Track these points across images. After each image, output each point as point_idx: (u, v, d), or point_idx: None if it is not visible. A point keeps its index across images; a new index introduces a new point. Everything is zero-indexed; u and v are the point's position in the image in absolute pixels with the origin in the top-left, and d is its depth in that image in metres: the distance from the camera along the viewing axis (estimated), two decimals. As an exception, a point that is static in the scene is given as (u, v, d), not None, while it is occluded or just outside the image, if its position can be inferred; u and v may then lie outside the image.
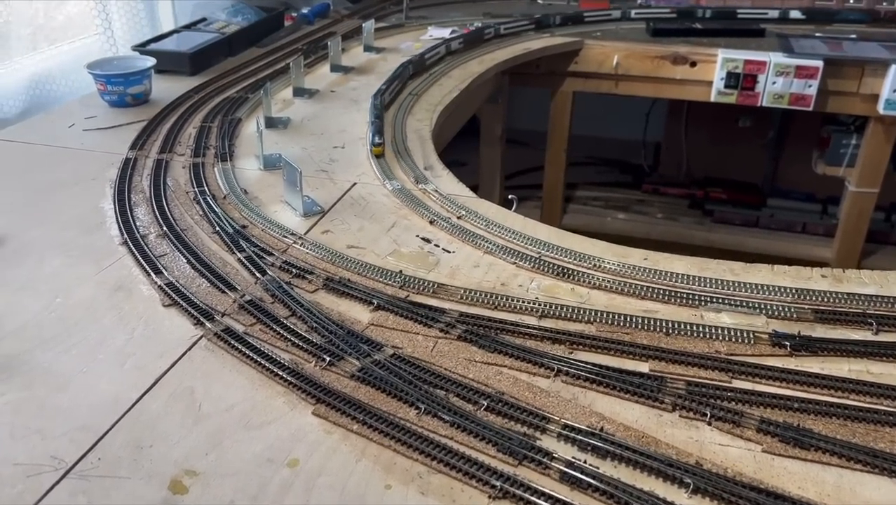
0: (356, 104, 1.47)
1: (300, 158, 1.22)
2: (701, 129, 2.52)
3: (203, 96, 1.51)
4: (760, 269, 0.92)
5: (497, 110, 2.05)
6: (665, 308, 0.84)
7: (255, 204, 1.07)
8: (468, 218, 1.03)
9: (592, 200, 2.41)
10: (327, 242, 0.96)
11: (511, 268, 0.93)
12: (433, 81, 1.59)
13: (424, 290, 0.87)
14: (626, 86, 2.01)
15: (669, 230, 2.25)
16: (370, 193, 1.11)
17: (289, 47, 1.86)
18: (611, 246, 0.98)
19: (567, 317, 0.82)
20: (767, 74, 1.83)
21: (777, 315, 0.82)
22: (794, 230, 2.19)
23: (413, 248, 0.97)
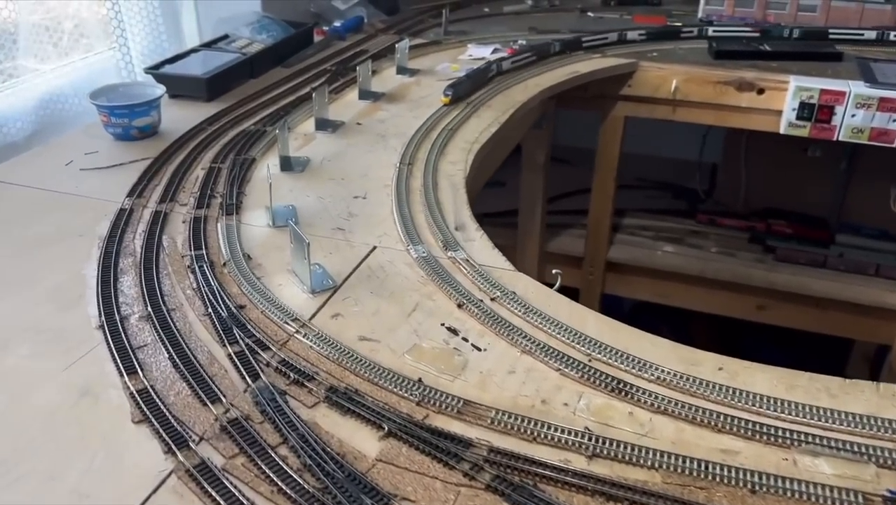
0: (383, 140, 1.32)
1: (315, 212, 1.08)
2: (763, 154, 2.31)
3: (217, 129, 1.37)
4: (863, 388, 0.75)
5: (541, 136, 1.88)
6: (748, 447, 0.68)
7: (259, 274, 0.93)
8: (503, 300, 0.88)
9: (641, 230, 2.23)
10: (336, 332, 0.81)
11: (554, 376, 0.77)
12: (471, 112, 1.43)
13: (447, 408, 0.71)
14: (685, 112, 1.82)
15: (726, 267, 2.06)
16: (391, 262, 0.96)
17: (317, 67, 1.72)
18: (676, 347, 0.81)
19: (625, 458, 0.66)
20: (846, 106, 1.63)
21: (890, 463, 0.65)
22: (867, 272, 1.98)
23: (437, 341, 0.81)
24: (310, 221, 1.05)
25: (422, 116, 1.40)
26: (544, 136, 1.88)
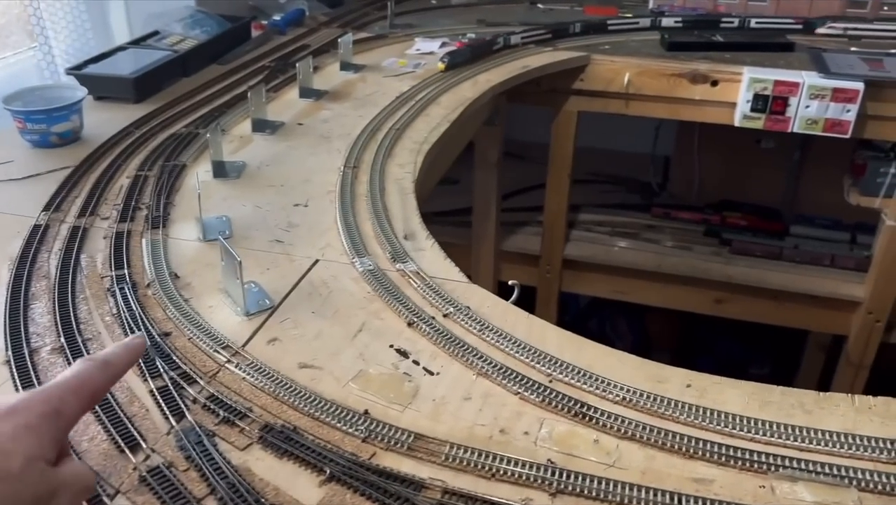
0: (326, 142, 1.24)
1: (252, 223, 0.99)
2: (716, 146, 2.29)
3: (145, 132, 1.27)
4: (838, 401, 0.70)
5: (493, 133, 1.82)
6: (722, 475, 0.62)
7: (187, 295, 0.84)
8: (457, 316, 0.81)
9: (597, 226, 2.19)
10: (272, 360, 0.74)
11: (513, 401, 0.70)
12: (420, 111, 1.36)
13: (397, 444, 0.64)
14: (638, 106, 1.78)
15: (683, 262, 2.03)
16: (335, 277, 0.88)
17: (255, 64, 1.63)
18: (643, 364, 0.75)
19: (591, 494, 0.60)
20: (800, 97, 1.61)
21: (871, 487, 0.61)
22: (822, 263, 1.97)
23: (385, 366, 0.74)
24: (245, 233, 0.97)
25: (368, 116, 1.33)
26: (496, 133, 1.82)
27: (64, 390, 0.49)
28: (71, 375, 0.51)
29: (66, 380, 0.50)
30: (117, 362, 0.54)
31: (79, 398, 0.50)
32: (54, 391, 0.49)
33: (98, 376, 0.52)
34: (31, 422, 0.46)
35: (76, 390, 0.50)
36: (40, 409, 0.47)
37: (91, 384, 0.51)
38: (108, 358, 0.53)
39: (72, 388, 0.50)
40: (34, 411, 0.47)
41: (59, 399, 0.48)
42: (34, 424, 0.46)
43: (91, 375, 0.51)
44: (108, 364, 0.53)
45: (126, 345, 0.55)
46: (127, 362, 0.55)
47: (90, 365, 0.52)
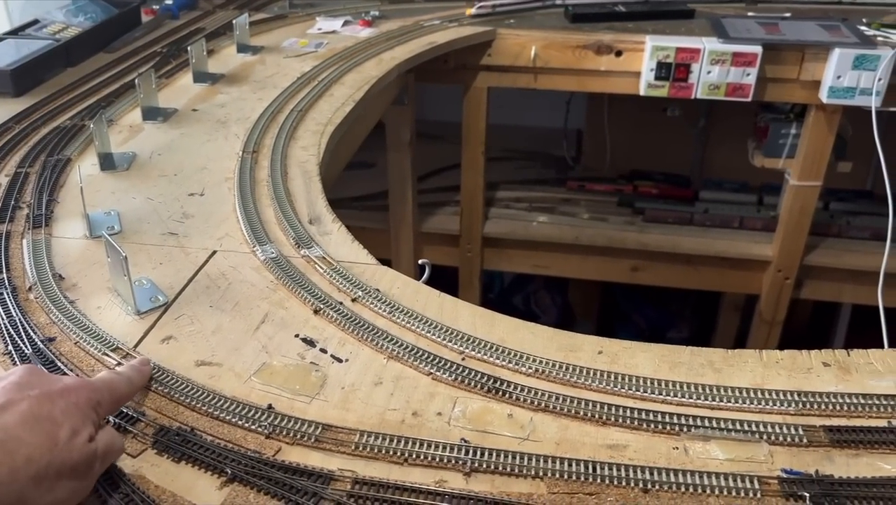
0: (223, 127, 1.18)
1: (143, 216, 0.94)
2: (625, 117, 2.32)
3: (26, 127, 1.18)
4: (746, 358, 0.71)
5: (404, 112, 1.79)
6: (636, 439, 0.62)
7: (73, 297, 0.78)
8: (366, 300, 0.78)
9: (515, 202, 2.18)
10: (167, 359, 0.69)
11: (426, 382, 0.68)
12: (322, 91, 1.31)
13: (304, 437, 0.61)
14: (546, 79, 1.78)
15: (599, 233, 2.05)
16: (234, 268, 0.84)
17: (146, 50, 1.54)
18: (556, 334, 0.74)
19: (506, 469, 0.58)
20: (702, 63, 1.64)
21: (781, 439, 0.61)
22: (731, 226, 2.02)
23: (290, 357, 0.71)
24: (136, 228, 0.91)
25: (267, 98, 1.27)
26: (407, 113, 1.79)
27: (105, 388, 0.57)
28: (107, 380, 0.59)
29: (104, 382, 0.59)
30: (136, 382, 0.63)
31: (111, 400, 0.58)
32: (99, 385, 0.57)
33: (124, 388, 0.61)
34: (80, 402, 0.53)
35: (111, 393, 0.58)
36: (87, 394, 0.55)
37: (119, 392, 0.60)
38: (130, 375, 0.63)
39: (108, 389, 0.58)
40: (83, 395, 0.54)
41: (99, 392, 0.56)
42: (82, 404, 0.53)
43: (120, 385, 0.60)
44: (130, 380, 0.62)
45: (139, 369, 0.65)
46: (140, 384, 0.64)
47: (119, 377, 0.61)
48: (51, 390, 0.52)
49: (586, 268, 2.10)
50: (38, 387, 0.52)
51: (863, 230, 1.99)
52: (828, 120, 1.71)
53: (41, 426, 0.49)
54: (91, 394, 0.55)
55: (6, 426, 0.48)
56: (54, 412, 0.51)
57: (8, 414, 0.49)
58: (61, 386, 0.53)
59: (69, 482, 0.50)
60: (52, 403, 0.51)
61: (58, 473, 0.49)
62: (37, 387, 0.52)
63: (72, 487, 0.51)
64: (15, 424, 0.49)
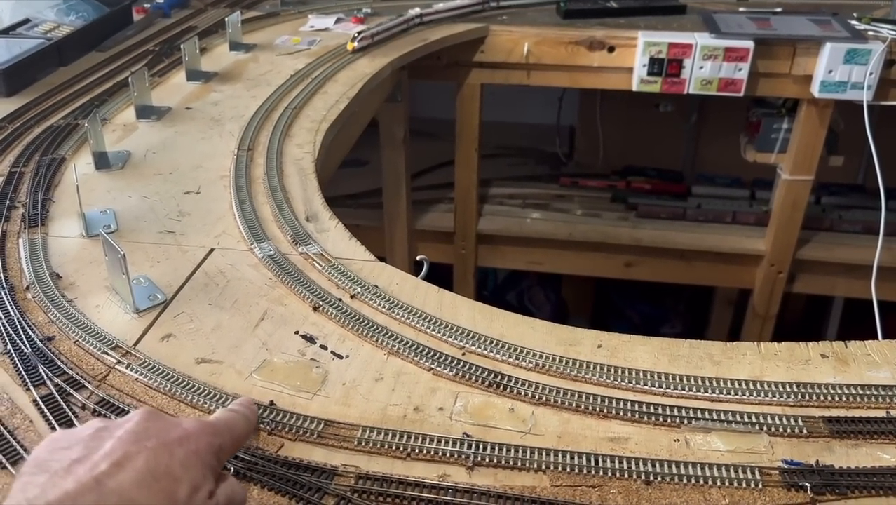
0: (218, 125, 1.18)
1: (139, 214, 0.93)
2: (617, 113, 2.33)
3: (19, 126, 1.17)
4: (745, 351, 0.71)
5: (398, 110, 1.79)
6: (637, 432, 0.62)
7: (71, 295, 0.78)
8: (365, 297, 0.78)
9: (508, 199, 2.19)
10: (167, 357, 0.69)
11: (426, 377, 0.68)
12: (316, 89, 1.31)
13: (306, 433, 0.61)
14: (539, 76, 1.78)
15: (593, 229, 2.05)
16: (232, 265, 0.84)
17: (138, 49, 1.53)
18: (555, 329, 0.75)
19: (509, 463, 0.59)
20: (694, 59, 1.64)
21: (781, 431, 0.62)
22: (724, 221, 2.03)
23: (291, 354, 0.71)
24: (132, 226, 0.91)
25: (261, 96, 1.27)
26: (401, 110, 1.79)
27: (224, 430, 0.52)
28: (227, 420, 0.54)
29: (224, 422, 0.54)
30: (253, 420, 0.59)
31: (232, 441, 0.53)
32: (219, 427, 0.52)
33: (243, 427, 0.56)
34: (201, 450, 0.48)
35: (231, 433, 0.53)
36: (208, 439, 0.50)
37: (239, 431, 0.55)
38: (246, 413, 0.57)
39: (228, 430, 0.53)
40: (203, 441, 0.49)
41: (221, 436, 0.51)
42: (203, 452, 0.48)
43: (239, 424, 0.55)
44: (247, 418, 0.57)
45: (249, 405, 0.60)
46: (255, 423, 0.60)
47: (237, 416, 0.56)
48: (169, 439, 0.47)
49: (580, 264, 2.10)
50: (155, 435, 0.47)
51: (854, 224, 2.00)
52: (819, 114, 1.72)
53: (159, 485, 0.44)
54: (212, 439, 0.50)
55: (122, 489, 0.43)
56: (173, 466, 0.45)
57: (124, 472, 0.44)
58: (180, 432, 0.48)
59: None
60: (171, 455, 0.46)
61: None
62: (154, 435, 0.47)
63: None
64: (131, 484, 0.43)
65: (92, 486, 0.42)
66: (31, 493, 0.42)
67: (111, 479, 0.43)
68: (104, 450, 0.45)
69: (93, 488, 0.42)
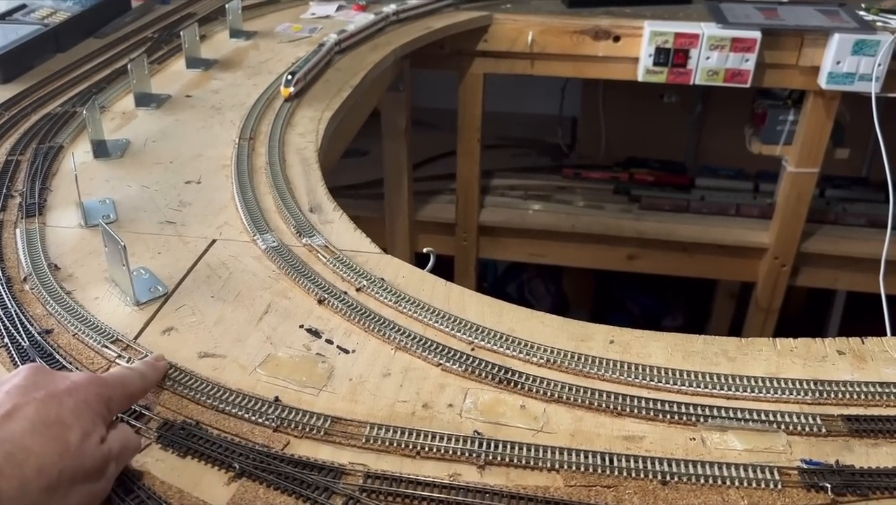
0: (218, 113, 1.16)
1: (139, 204, 0.91)
2: (621, 104, 2.31)
3: (16, 114, 1.15)
4: (761, 346, 0.70)
5: (400, 99, 1.76)
6: (652, 430, 0.61)
7: (70, 287, 0.76)
8: (371, 290, 0.76)
9: (510, 190, 2.17)
10: (169, 351, 0.67)
11: (435, 372, 0.67)
12: (318, 77, 1.29)
13: (313, 430, 0.60)
14: (543, 65, 1.76)
15: (596, 221, 2.04)
16: (235, 257, 0.82)
17: (137, 36, 1.51)
18: (565, 323, 0.73)
19: (521, 462, 0.57)
20: (700, 49, 1.62)
21: (799, 429, 0.60)
22: (728, 213, 2.02)
23: (296, 348, 0.69)
24: (132, 216, 0.89)
25: (262, 84, 1.25)
26: (403, 99, 1.76)
27: (115, 383, 0.54)
28: (118, 375, 0.57)
29: (115, 377, 0.56)
30: (151, 377, 0.61)
31: (124, 395, 0.55)
32: (109, 380, 0.54)
33: (137, 383, 0.58)
34: (90, 399, 0.50)
35: (123, 388, 0.55)
36: (97, 390, 0.51)
37: (132, 387, 0.57)
38: (144, 371, 0.60)
39: (120, 384, 0.55)
40: (92, 391, 0.51)
41: (111, 388, 0.53)
42: (91, 401, 0.50)
43: (133, 380, 0.57)
44: (144, 376, 0.59)
45: (153, 364, 0.62)
46: (155, 380, 0.61)
47: (132, 372, 0.58)
48: (57, 390, 0.49)
49: (582, 256, 2.09)
50: (43, 387, 0.49)
51: (859, 217, 1.98)
52: (826, 106, 1.70)
53: (50, 431, 0.46)
54: (101, 389, 0.52)
55: (13, 436, 0.45)
56: (63, 414, 0.48)
57: (14, 422, 0.46)
58: (68, 384, 0.50)
59: (84, 487, 0.47)
60: (60, 404, 0.48)
61: (71, 479, 0.46)
62: (42, 387, 0.49)
63: (87, 492, 0.48)
64: (22, 432, 0.45)
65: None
66: None
67: (1, 429, 0.45)
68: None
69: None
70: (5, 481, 0.43)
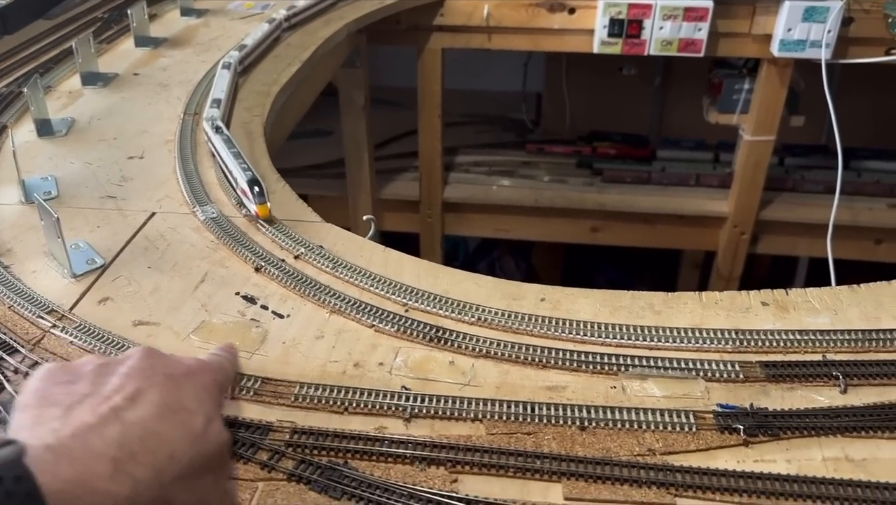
0: (165, 90, 1.15)
1: (81, 180, 0.91)
2: (583, 78, 2.32)
3: (-42, 94, 1.14)
4: (686, 300, 0.72)
5: (357, 76, 1.76)
6: (575, 380, 0.62)
7: (8, 262, 0.76)
8: (309, 257, 0.77)
9: (474, 167, 2.18)
10: (104, 320, 0.68)
11: (368, 334, 0.68)
12: (267, 52, 1.28)
13: (242, 391, 0.60)
14: (500, 39, 1.76)
15: (559, 195, 2.05)
16: (174, 228, 0.82)
17: (87, 16, 1.49)
18: (499, 284, 0.74)
19: (446, 414, 0.59)
20: (654, 19, 1.63)
21: (718, 376, 0.62)
22: (688, 183, 2.04)
23: (230, 315, 0.70)
24: (73, 192, 0.89)
25: (211, 60, 1.25)
26: (360, 76, 1.76)
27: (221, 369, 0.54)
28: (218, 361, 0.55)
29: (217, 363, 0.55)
30: (236, 363, 0.60)
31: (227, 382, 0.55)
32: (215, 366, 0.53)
33: (231, 369, 0.57)
34: (207, 384, 0.49)
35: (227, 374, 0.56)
36: (213, 376, 0.51)
37: (231, 374, 0.57)
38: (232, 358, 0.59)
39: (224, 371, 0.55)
40: (208, 377, 0.50)
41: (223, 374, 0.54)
42: (210, 387, 0.49)
43: (230, 366, 0.57)
44: (232, 362, 0.58)
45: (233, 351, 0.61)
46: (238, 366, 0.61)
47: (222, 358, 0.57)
48: (175, 373, 0.47)
49: (547, 230, 2.10)
50: (161, 371, 0.47)
51: (817, 184, 2.02)
52: (780, 74, 1.72)
53: (177, 417, 0.44)
54: (215, 375, 0.51)
55: (143, 420, 0.42)
56: (184, 399, 0.45)
57: (140, 406, 0.43)
58: (184, 368, 0.48)
59: (210, 476, 0.45)
60: (180, 389, 0.46)
61: (201, 467, 0.44)
62: (160, 371, 0.46)
63: (213, 482, 0.46)
64: (151, 417, 0.43)
65: (112, 417, 0.42)
66: (49, 424, 0.41)
67: (129, 412, 0.42)
68: (112, 385, 0.44)
69: (113, 420, 0.41)
70: (141, 469, 0.40)
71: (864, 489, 0.52)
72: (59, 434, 0.40)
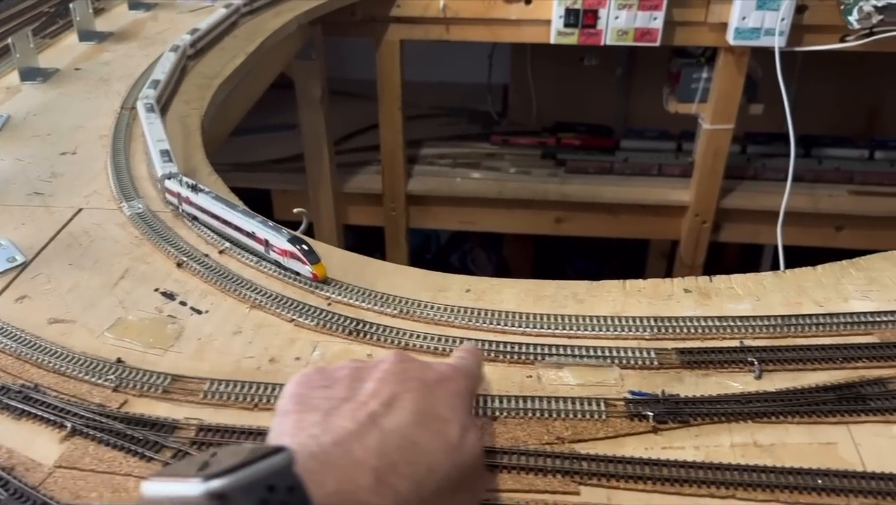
0: (105, 85, 1.14)
1: (9, 177, 0.90)
2: (548, 69, 2.31)
3: None
4: (610, 288, 0.71)
5: (312, 67, 1.75)
6: (493, 370, 0.62)
7: (-75, 261, 0.75)
8: (234, 252, 0.76)
9: (439, 159, 2.17)
10: (18, 318, 0.67)
11: (287, 329, 0.67)
12: (212, 45, 1.27)
13: (151, 389, 0.60)
14: (459, 30, 1.75)
15: (523, 186, 2.05)
16: (99, 225, 0.81)
17: (32, 11, 1.47)
18: (427, 276, 0.74)
19: (356, 408, 0.58)
20: (609, 9, 1.63)
21: (633, 363, 0.62)
22: (650, 173, 2.04)
23: (147, 311, 0.69)
24: (2, 189, 0.87)
25: (155, 54, 1.23)
26: (316, 67, 1.75)
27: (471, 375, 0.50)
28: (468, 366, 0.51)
29: (465, 366, 0.51)
30: (481, 363, 0.56)
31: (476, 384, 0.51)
32: (465, 371, 0.49)
33: (477, 372, 0.53)
34: (461, 392, 0.46)
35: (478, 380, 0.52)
36: (465, 382, 0.47)
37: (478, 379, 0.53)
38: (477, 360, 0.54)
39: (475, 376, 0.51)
40: (462, 383, 0.47)
41: (475, 380, 0.50)
42: (463, 394, 0.46)
43: (474, 368, 0.53)
44: (478, 364, 0.54)
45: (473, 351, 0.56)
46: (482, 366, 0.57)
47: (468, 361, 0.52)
48: (428, 379, 0.45)
49: (511, 221, 2.10)
50: (413, 376, 0.44)
51: (777, 172, 2.02)
52: (737, 62, 1.72)
53: (433, 426, 0.41)
54: (468, 382, 0.47)
55: (400, 428, 0.40)
56: (438, 407, 0.43)
57: (396, 413, 0.41)
58: (437, 374, 0.46)
59: (464, 494, 0.42)
60: (434, 396, 0.43)
61: (458, 482, 0.41)
62: (413, 376, 0.44)
63: (467, 500, 0.43)
64: (407, 425, 0.40)
65: (370, 425, 0.40)
66: (309, 430, 0.39)
67: (385, 419, 0.40)
68: (367, 390, 0.43)
69: (371, 428, 0.40)
70: (402, 481, 0.38)
71: (769, 474, 0.52)
72: (320, 441, 0.38)
